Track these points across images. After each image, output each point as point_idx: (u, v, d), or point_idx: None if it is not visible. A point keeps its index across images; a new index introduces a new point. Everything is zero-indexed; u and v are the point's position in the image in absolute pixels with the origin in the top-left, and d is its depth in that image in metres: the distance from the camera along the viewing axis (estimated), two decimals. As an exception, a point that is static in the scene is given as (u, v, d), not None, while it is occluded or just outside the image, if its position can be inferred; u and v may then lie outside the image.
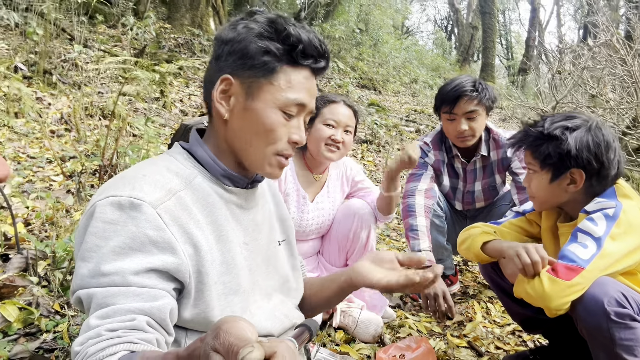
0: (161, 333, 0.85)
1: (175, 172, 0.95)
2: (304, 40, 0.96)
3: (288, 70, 0.97)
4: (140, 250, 0.83)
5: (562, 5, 25.53)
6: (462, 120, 2.14)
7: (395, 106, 9.44)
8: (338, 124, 1.93)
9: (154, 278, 0.84)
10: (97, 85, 4.88)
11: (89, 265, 0.82)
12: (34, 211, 2.21)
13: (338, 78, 9.70)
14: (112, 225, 0.83)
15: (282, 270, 1.18)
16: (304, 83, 0.99)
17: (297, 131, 1.00)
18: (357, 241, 2.11)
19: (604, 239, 1.34)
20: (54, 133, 3.58)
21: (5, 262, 1.68)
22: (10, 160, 2.84)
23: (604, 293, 1.30)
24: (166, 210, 0.87)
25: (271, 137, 0.97)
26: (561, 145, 1.44)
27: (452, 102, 2.12)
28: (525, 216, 1.74)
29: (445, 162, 2.37)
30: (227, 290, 0.97)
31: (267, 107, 0.96)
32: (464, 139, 2.18)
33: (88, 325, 0.78)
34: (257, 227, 1.09)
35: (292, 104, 0.97)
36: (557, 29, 24.57)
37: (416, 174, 2.28)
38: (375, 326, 1.92)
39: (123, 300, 0.80)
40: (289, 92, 0.97)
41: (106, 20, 6.93)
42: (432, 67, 15.36)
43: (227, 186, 1.02)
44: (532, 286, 1.36)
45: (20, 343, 1.36)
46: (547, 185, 1.50)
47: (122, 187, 0.86)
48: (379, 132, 5.63)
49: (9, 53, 4.66)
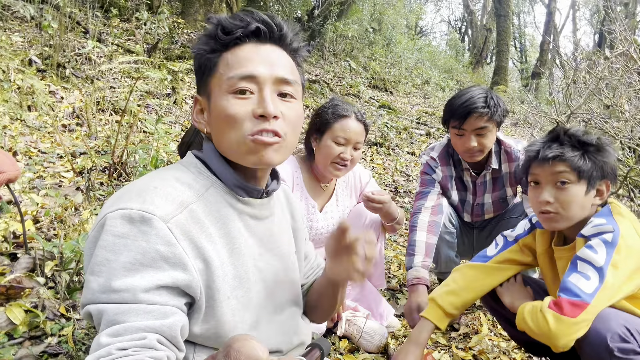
0: (172, 350, 0.84)
1: (187, 184, 0.94)
2: (222, 20, 0.96)
3: (227, 55, 0.95)
4: (151, 266, 0.82)
5: (578, 9, 25.25)
6: (471, 137, 2.06)
7: (406, 108, 9.40)
8: (348, 141, 1.91)
9: (164, 295, 0.83)
10: (109, 80, 4.90)
11: (99, 280, 0.81)
12: (43, 208, 2.22)
13: (350, 77, 9.67)
14: (123, 239, 0.82)
15: (297, 282, 1.17)
16: (247, 57, 0.95)
17: (260, 105, 0.93)
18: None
19: (605, 268, 1.30)
20: (66, 127, 3.60)
21: (14, 262, 1.69)
22: (22, 155, 2.86)
23: (607, 329, 1.26)
24: (177, 225, 0.86)
25: (233, 123, 0.93)
26: (603, 155, 1.41)
27: (461, 117, 2.04)
28: (517, 243, 1.69)
29: (454, 177, 2.31)
30: (239, 305, 0.96)
31: (219, 98, 0.94)
32: (472, 155, 2.13)
33: (99, 344, 0.78)
34: (273, 237, 1.07)
35: (236, 81, 0.93)
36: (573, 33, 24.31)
37: (423, 192, 2.23)
38: (380, 337, 1.91)
39: (134, 318, 0.79)
40: (228, 72, 0.94)
41: (121, 14, 6.96)
42: (444, 69, 15.28)
43: (241, 197, 1.00)
44: (536, 324, 1.33)
45: (25, 347, 1.37)
46: (582, 197, 1.42)
47: (134, 200, 0.85)
48: (389, 134, 5.60)
49: (24, 46, 4.69)
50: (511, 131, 9.54)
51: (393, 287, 2.59)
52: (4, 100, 3.52)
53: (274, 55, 0.97)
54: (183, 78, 5.88)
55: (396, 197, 4.16)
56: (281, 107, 0.96)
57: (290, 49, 1.02)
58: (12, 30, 4.97)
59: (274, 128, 0.93)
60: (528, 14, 29.37)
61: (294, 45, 1.02)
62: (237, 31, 0.94)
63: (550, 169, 1.42)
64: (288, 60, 1.00)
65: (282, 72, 0.96)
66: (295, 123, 0.99)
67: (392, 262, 2.96)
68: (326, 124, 1.92)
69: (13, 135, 3.03)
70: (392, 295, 2.50)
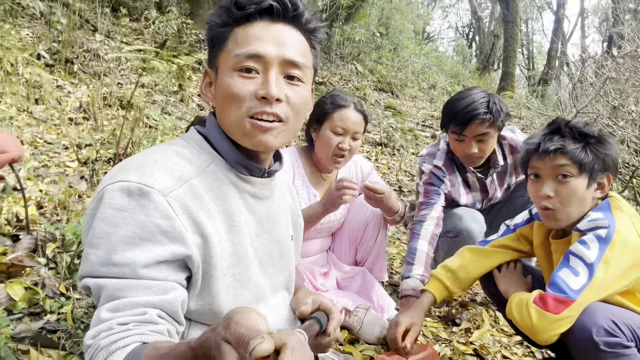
0: (172, 324, 0.84)
1: (188, 159, 0.93)
2: None
3: (237, 31, 0.93)
4: (150, 240, 0.81)
5: (587, 17, 25.17)
6: (471, 143, 1.99)
7: (412, 111, 9.39)
8: (346, 131, 1.91)
9: (164, 270, 0.83)
10: (116, 76, 4.93)
11: (98, 252, 0.81)
12: (47, 195, 2.23)
13: (356, 80, 9.68)
14: (121, 212, 0.81)
15: (291, 267, 1.17)
16: (256, 35, 0.92)
17: (263, 86, 0.91)
18: (367, 235, 2.11)
19: (596, 265, 1.29)
20: (72, 121, 3.62)
21: (16, 243, 1.70)
22: (28, 145, 2.88)
23: (593, 322, 1.26)
24: (176, 199, 0.85)
25: (234, 101, 0.91)
26: (605, 147, 1.39)
27: (462, 124, 1.95)
28: (515, 232, 1.69)
29: (460, 182, 2.24)
30: (236, 283, 0.96)
31: (224, 75, 0.93)
32: (472, 161, 2.06)
33: (99, 318, 0.78)
34: (271, 219, 1.07)
35: (243, 59, 0.91)
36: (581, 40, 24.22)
37: (428, 202, 2.12)
38: (380, 328, 1.89)
39: (134, 293, 0.79)
40: (236, 49, 0.92)
41: (130, 14, 7.01)
42: (451, 74, 15.26)
43: (243, 174, 0.99)
44: (521, 317, 1.33)
45: (24, 322, 1.37)
46: (584, 191, 1.39)
47: (133, 172, 0.84)
48: (394, 135, 5.59)
49: (33, 41, 4.74)
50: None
51: (395, 283, 2.58)
52: (12, 92, 3.55)
53: (285, 35, 0.94)
54: (190, 76, 5.91)
55: (400, 197, 4.15)
56: (286, 90, 0.93)
57: (306, 29, 0.98)
58: (22, 26, 5.02)
59: (274, 111, 0.91)
60: (536, 21, 29.29)
61: (309, 26, 0.98)
62: (250, 7, 0.92)
63: (551, 162, 1.40)
64: (301, 41, 0.97)
65: (291, 53, 0.93)
66: (300, 107, 0.97)
67: (394, 259, 2.94)
68: (325, 114, 1.93)
69: (19, 125, 3.05)
70: (394, 290, 2.48)
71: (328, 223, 2.09)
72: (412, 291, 1.84)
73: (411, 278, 1.88)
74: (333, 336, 1.02)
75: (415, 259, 1.92)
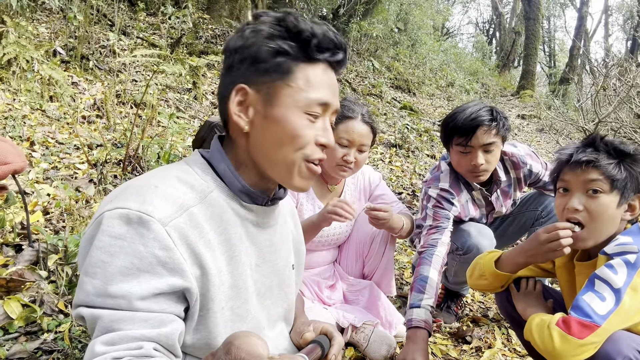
0: (168, 357, 0.82)
1: (190, 185, 0.89)
2: (318, 34, 0.89)
3: (305, 67, 0.90)
4: (148, 271, 0.79)
5: (611, 14, 24.56)
6: (478, 154, 1.92)
7: (429, 109, 9.27)
8: (352, 143, 1.86)
9: (162, 302, 0.81)
10: (131, 73, 4.93)
11: (94, 282, 0.78)
12: (54, 199, 2.22)
13: (372, 77, 9.58)
14: (119, 241, 0.78)
15: (291, 296, 1.13)
16: (324, 80, 0.92)
17: (324, 133, 0.93)
18: (374, 248, 2.06)
19: (623, 290, 1.22)
20: (86, 119, 3.63)
21: (19, 253, 1.68)
22: (39, 145, 2.88)
23: (618, 352, 1.19)
24: (176, 228, 0.82)
25: (298, 143, 0.90)
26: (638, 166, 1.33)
27: (468, 133, 1.89)
28: None
29: (469, 200, 2.17)
30: (234, 316, 0.92)
31: (289, 112, 0.89)
32: (478, 175, 1.98)
33: (93, 352, 0.76)
34: (273, 248, 1.03)
35: (315, 104, 0.91)
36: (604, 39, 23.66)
37: (439, 227, 2.01)
38: (387, 347, 1.84)
39: (130, 326, 0.77)
40: (309, 91, 0.90)
41: (147, 8, 7.02)
42: (470, 71, 15.05)
43: (245, 203, 0.95)
44: (542, 339, 1.26)
45: (20, 342, 1.35)
46: (614, 210, 1.33)
47: (132, 199, 0.81)
48: (410, 136, 5.50)
49: (50, 37, 4.76)
50: (536, 137, 9.33)
51: (405, 294, 2.52)
52: (26, 90, 3.56)
53: (336, 84, 0.97)
54: (205, 73, 5.90)
55: (413, 201, 4.08)
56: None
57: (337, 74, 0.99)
58: (39, 22, 5.05)
59: (322, 157, 0.95)
60: (559, 17, 28.74)
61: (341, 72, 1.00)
62: (326, 53, 0.91)
63: (583, 175, 1.34)
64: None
65: (338, 103, 0.97)
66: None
67: (405, 268, 2.89)
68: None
69: (32, 125, 3.05)
70: (404, 302, 2.43)
71: (334, 235, 2.04)
72: (424, 323, 1.71)
73: (421, 308, 1.74)
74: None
75: (426, 287, 1.79)
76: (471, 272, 1.64)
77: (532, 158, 2.16)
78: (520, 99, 14.38)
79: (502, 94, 15.49)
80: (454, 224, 2.12)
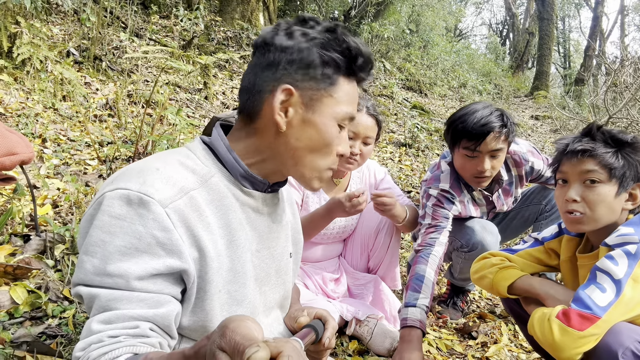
0: (164, 337, 0.83)
1: (191, 169, 0.90)
2: (364, 53, 0.94)
3: (344, 82, 0.95)
4: (146, 251, 0.80)
5: (627, 15, 24.20)
6: (485, 159, 1.88)
7: (441, 110, 9.22)
8: (357, 135, 1.87)
9: (159, 282, 0.82)
10: (143, 73, 5.00)
11: (93, 260, 0.79)
12: (64, 193, 2.26)
13: (384, 78, 9.57)
14: (119, 221, 0.79)
15: (288, 284, 1.13)
16: (354, 94, 0.98)
17: (344, 143, 0.99)
18: (379, 241, 2.06)
19: (624, 281, 1.20)
20: (97, 118, 3.68)
21: (27, 243, 1.72)
22: (51, 142, 2.93)
23: (619, 343, 1.17)
24: (175, 210, 0.82)
25: (328, 152, 0.96)
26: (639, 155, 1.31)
27: (478, 138, 1.84)
28: (543, 245, 1.60)
29: (469, 200, 2.14)
30: (231, 300, 0.93)
31: (328, 121, 0.93)
32: (481, 180, 1.95)
33: (90, 330, 0.77)
34: (271, 235, 1.04)
35: (347, 117, 0.96)
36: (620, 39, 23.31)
37: (438, 226, 1.99)
38: (391, 340, 1.84)
39: (126, 306, 0.78)
40: (346, 105, 0.95)
41: (160, 10, 7.11)
42: (482, 72, 14.93)
43: (246, 188, 0.96)
44: (542, 332, 1.25)
45: (25, 326, 1.38)
46: (612, 199, 1.32)
47: (133, 180, 0.82)
48: (419, 135, 5.48)
49: (64, 38, 4.84)
50: (550, 138, 9.22)
51: (411, 290, 2.51)
52: (40, 89, 3.63)
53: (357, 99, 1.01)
54: (216, 74, 5.95)
55: (413, 200, 4.06)
56: None
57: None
58: (54, 23, 5.15)
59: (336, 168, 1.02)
60: (573, 18, 28.39)
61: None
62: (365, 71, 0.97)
63: (579, 165, 1.33)
64: None
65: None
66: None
67: (412, 265, 2.87)
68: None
69: (44, 122, 3.11)
70: (409, 298, 2.41)
71: (339, 228, 2.04)
72: (419, 323, 1.70)
73: (417, 308, 1.72)
74: (328, 345, 0.99)
75: (422, 287, 1.77)
76: (475, 272, 1.62)
77: (534, 155, 2.12)
78: (534, 99, 14.25)
79: (516, 94, 15.36)
80: (457, 221, 2.10)
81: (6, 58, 3.67)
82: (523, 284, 1.49)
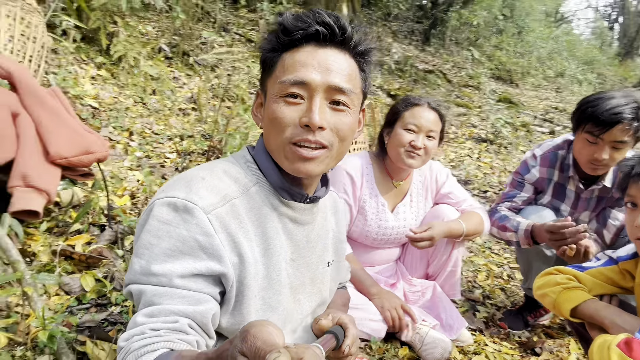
0: (202, 336, 0.87)
1: (234, 178, 0.96)
2: (285, 19, 0.92)
3: (285, 56, 0.93)
4: (189, 254, 0.85)
5: None
6: (605, 148, 1.79)
7: (533, 102, 8.65)
8: (420, 128, 1.82)
9: (199, 282, 0.87)
10: (227, 68, 5.22)
11: (141, 262, 0.86)
12: (142, 185, 2.44)
13: (470, 68, 9.16)
14: (166, 226, 0.86)
15: (324, 293, 1.15)
16: (302, 61, 0.91)
17: (307, 113, 0.90)
18: (439, 248, 2.00)
19: None
20: (182, 111, 3.92)
21: (102, 233, 1.89)
22: (137, 135, 3.17)
23: None
24: (217, 217, 0.88)
25: (278, 127, 0.92)
26: None
27: (605, 125, 1.75)
28: (618, 265, 1.45)
29: (554, 182, 2.04)
30: (265, 306, 0.97)
31: (270, 100, 0.94)
32: (597, 168, 1.85)
33: (135, 322, 0.83)
34: (308, 245, 1.06)
35: (287, 86, 0.91)
36: None
37: (508, 194, 2.07)
38: (442, 349, 1.79)
39: (168, 301, 0.84)
40: (282, 76, 0.92)
41: (248, 4, 7.35)
42: (584, 60, 13.74)
43: (285, 199, 0.99)
44: (600, 357, 1.15)
45: (90, 312, 1.53)
46: None
47: (181, 189, 0.89)
48: (503, 131, 5.19)
49: (157, 35, 5.19)
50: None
51: (474, 298, 2.42)
52: (132, 84, 3.93)
53: (331, 60, 0.92)
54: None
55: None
56: (331, 117, 0.93)
57: (355, 52, 0.96)
58: (150, 20, 5.53)
59: (317, 139, 0.91)
60: (700, -4, 25.03)
61: (359, 49, 0.96)
62: (297, 33, 0.92)
63: None
64: (348, 65, 0.95)
65: (337, 79, 0.92)
66: (345, 133, 0.95)
67: (480, 271, 2.75)
68: (397, 114, 1.89)
69: (133, 116, 3.37)
70: (472, 306, 2.33)
71: (397, 233, 2.01)
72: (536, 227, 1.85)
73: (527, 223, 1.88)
74: (348, 352, 0.99)
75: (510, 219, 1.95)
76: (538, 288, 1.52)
77: None
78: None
79: (623, 84, 13.96)
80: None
81: (105, 55, 4.03)
82: (588, 309, 1.37)
